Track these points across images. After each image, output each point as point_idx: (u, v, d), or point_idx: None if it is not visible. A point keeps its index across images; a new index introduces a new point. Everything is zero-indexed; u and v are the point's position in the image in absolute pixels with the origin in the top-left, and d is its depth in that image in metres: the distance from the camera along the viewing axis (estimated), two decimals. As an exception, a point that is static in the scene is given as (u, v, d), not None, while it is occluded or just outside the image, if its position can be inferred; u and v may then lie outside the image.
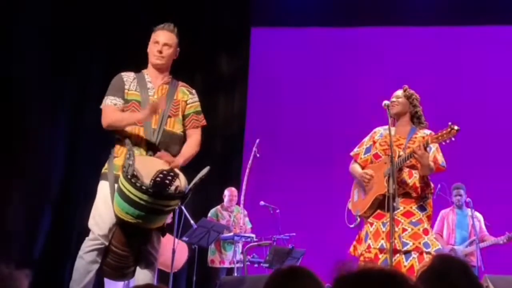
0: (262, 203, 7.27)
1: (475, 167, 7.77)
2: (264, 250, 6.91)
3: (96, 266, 3.50)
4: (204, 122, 3.85)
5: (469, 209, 6.84)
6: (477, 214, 6.90)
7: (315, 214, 8.06)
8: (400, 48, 8.61)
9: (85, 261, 3.48)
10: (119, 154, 3.57)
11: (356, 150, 4.38)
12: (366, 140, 4.36)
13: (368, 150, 4.30)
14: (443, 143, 3.88)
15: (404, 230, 3.93)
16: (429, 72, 8.39)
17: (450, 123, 3.77)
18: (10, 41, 7.31)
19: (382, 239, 3.92)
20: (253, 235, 7.01)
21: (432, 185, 4.18)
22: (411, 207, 4.02)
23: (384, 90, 7.53)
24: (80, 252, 3.52)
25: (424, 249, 3.91)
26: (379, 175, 4.03)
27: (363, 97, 8.10)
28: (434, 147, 4.09)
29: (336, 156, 8.38)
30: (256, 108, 8.71)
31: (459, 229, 6.84)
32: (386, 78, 8.29)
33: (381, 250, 3.92)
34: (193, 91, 3.88)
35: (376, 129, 4.35)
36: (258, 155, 6.74)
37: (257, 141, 6.83)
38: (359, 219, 4.20)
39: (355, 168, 4.31)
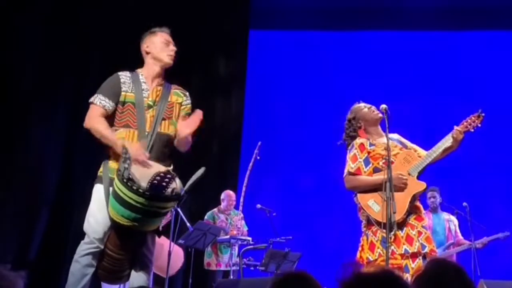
0: (258, 206, 7.25)
1: (472, 169, 7.78)
2: (260, 253, 6.90)
3: (92, 269, 3.49)
4: None
5: (445, 213, 6.88)
6: (452, 217, 6.90)
7: (312, 218, 8.07)
8: (398, 51, 8.63)
9: (81, 264, 3.47)
10: (114, 157, 3.56)
11: (353, 165, 4.20)
12: (359, 154, 4.24)
13: (367, 162, 4.19)
14: (471, 130, 4.08)
15: (420, 233, 4.02)
16: (427, 75, 8.41)
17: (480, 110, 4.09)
18: (10, 41, 7.32)
19: (404, 244, 3.95)
20: (250, 238, 7.00)
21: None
22: (421, 212, 4.13)
23: (383, 92, 7.57)
24: (76, 256, 3.51)
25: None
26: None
27: (362, 99, 8.10)
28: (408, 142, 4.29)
29: (334, 160, 8.40)
30: (253, 111, 8.71)
31: (435, 233, 6.82)
32: (384, 81, 8.33)
33: (402, 255, 3.95)
34: (187, 93, 3.88)
35: (361, 141, 4.24)
36: (259, 157, 6.75)
37: (259, 143, 6.83)
38: (396, 227, 4.01)
39: (365, 178, 4.16)
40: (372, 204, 4.13)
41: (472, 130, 4.08)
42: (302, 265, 6.55)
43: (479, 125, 4.07)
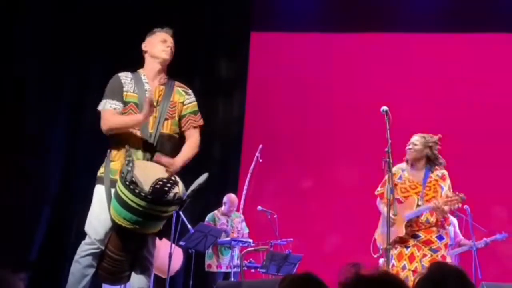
0: (259, 208, 7.25)
1: (474, 171, 7.77)
2: (261, 255, 6.90)
3: (92, 270, 3.49)
4: (201, 122, 3.82)
5: None
6: (452, 218, 6.87)
7: (313, 220, 8.06)
8: (398, 53, 8.62)
9: (81, 265, 3.47)
10: (116, 158, 3.55)
11: (379, 189, 4.69)
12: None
13: (391, 190, 4.53)
14: (452, 208, 4.38)
15: (424, 255, 4.43)
16: (427, 77, 8.40)
17: (456, 193, 4.36)
18: (10, 42, 7.32)
19: (405, 260, 4.44)
20: (250, 240, 7.00)
21: (450, 217, 4.72)
22: (431, 236, 4.50)
23: (383, 94, 7.55)
24: (76, 256, 3.51)
25: None
26: (399, 218, 4.39)
27: (362, 101, 8.11)
28: (446, 187, 4.54)
29: (335, 162, 8.42)
30: (255, 113, 8.70)
31: None
32: (385, 83, 8.32)
33: (403, 269, 4.42)
34: (190, 91, 3.86)
35: (395, 170, 4.54)
36: (261, 160, 6.76)
37: (260, 146, 6.85)
38: (381, 251, 4.59)
39: (382, 207, 4.65)
40: (381, 226, 4.63)
41: (452, 208, 4.38)
42: (303, 267, 6.54)
43: (459, 205, 4.36)
